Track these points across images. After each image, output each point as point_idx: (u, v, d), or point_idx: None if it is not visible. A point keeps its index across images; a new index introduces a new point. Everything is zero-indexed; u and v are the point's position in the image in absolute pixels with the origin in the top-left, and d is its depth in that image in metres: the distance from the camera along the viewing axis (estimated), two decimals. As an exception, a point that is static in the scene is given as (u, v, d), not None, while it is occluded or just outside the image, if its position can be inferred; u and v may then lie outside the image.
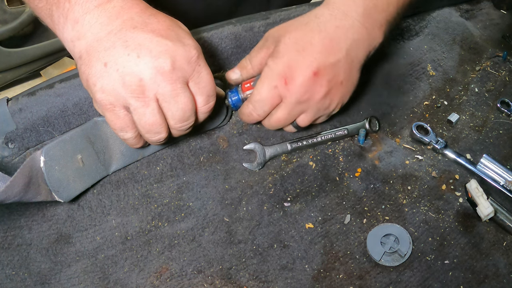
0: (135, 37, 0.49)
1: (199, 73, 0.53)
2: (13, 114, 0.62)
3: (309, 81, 0.60)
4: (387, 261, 0.61)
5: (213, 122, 0.70)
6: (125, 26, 0.50)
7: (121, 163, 0.66)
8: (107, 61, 0.48)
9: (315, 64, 0.59)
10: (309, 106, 0.63)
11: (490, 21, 1.04)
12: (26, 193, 0.54)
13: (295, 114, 0.64)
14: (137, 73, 0.48)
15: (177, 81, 0.50)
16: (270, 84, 0.61)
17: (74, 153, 0.60)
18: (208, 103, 0.56)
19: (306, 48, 0.60)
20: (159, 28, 0.50)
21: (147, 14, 0.52)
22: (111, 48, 0.49)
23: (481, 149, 0.76)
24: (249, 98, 0.65)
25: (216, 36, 0.72)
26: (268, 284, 0.59)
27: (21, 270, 0.60)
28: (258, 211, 0.66)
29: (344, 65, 0.61)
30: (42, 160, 0.56)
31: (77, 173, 0.61)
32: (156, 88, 0.49)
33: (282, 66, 0.60)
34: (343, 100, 0.66)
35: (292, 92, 0.61)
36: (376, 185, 0.69)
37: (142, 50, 0.48)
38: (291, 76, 0.60)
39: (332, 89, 0.62)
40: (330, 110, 0.66)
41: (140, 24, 0.50)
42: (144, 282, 0.59)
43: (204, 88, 0.54)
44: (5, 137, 0.62)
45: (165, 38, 0.50)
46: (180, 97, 0.51)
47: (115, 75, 0.48)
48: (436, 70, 0.88)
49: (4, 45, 1.73)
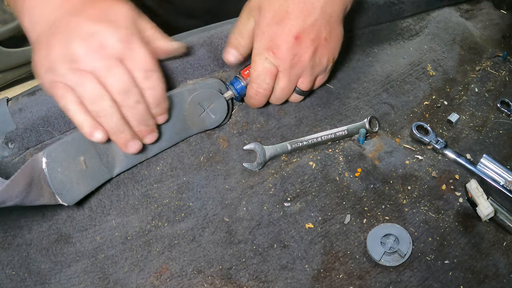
0: (74, 22, 0.55)
1: (131, 50, 0.55)
2: (13, 114, 0.62)
3: (294, 46, 0.64)
4: (387, 261, 0.61)
5: (211, 123, 0.70)
6: (67, 14, 0.56)
7: (125, 166, 0.66)
8: (48, 46, 0.54)
9: (294, 30, 0.64)
10: (303, 68, 0.67)
11: (490, 21, 1.04)
12: (28, 195, 0.54)
13: (294, 79, 0.68)
14: (72, 51, 0.53)
15: (109, 57, 0.54)
16: (261, 59, 0.66)
17: (76, 155, 0.59)
18: (148, 78, 0.57)
19: (283, 18, 0.64)
20: (94, 13, 0.55)
21: (88, 1, 0.57)
22: (54, 34, 0.55)
23: (481, 149, 0.76)
24: (250, 80, 0.68)
25: (216, 36, 0.72)
26: (268, 284, 0.59)
27: (21, 270, 0.60)
28: (258, 211, 0.66)
29: (323, 23, 0.65)
30: (44, 162, 0.55)
31: (80, 176, 0.60)
32: (90, 63, 0.53)
33: (265, 41, 0.65)
34: (333, 55, 0.70)
35: (282, 59, 0.65)
36: (376, 185, 0.69)
37: (77, 34, 0.54)
38: (276, 47, 0.64)
39: (318, 47, 0.66)
40: (324, 66, 0.69)
41: (80, 11, 0.56)
42: (144, 282, 0.59)
43: (139, 63, 0.56)
44: (5, 137, 0.62)
45: (99, 21, 0.54)
46: (114, 69, 0.54)
47: (53, 56, 0.53)
48: (436, 70, 0.88)
49: (4, 45, 1.73)
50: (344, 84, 0.82)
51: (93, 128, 0.56)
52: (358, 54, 0.88)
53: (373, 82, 0.84)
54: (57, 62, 0.53)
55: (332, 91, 0.81)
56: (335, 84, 0.82)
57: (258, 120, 0.75)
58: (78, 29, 0.54)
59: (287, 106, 0.77)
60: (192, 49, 0.71)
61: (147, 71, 0.57)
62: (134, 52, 0.55)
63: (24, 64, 1.84)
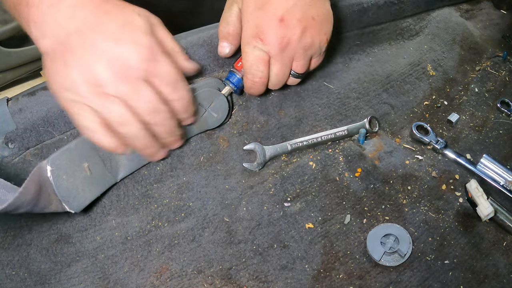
0: (91, 40, 0.52)
1: (156, 67, 0.54)
2: (13, 114, 0.62)
3: (280, 28, 0.62)
4: (387, 261, 0.61)
5: (214, 122, 0.70)
6: (81, 27, 0.53)
7: (128, 169, 0.65)
8: (66, 64, 0.52)
9: (278, 13, 0.62)
10: (294, 50, 0.65)
11: (490, 21, 1.04)
12: (38, 202, 0.54)
13: (287, 63, 0.67)
14: (96, 77, 0.51)
15: (135, 79, 0.53)
16: (250, 48, 0.64)
17: (80, 162, 0.59)
18: (177, 91, 0.57)
19: (265, 3, 0.63)
20: (112, 29, 0.53)
21: (101, 11, 0.54)
22: (69, 50, 0.52)
23: (481, 149, 0.76)
24: (244, 72, 0.67)
25: (216, 36, 0.72)
26: (268, 284, 0.59)
27: (21, 270, 0.60)
28: (258, 211, 0.66)
29: (307, 2, 0.64)
30: (49, 170, 0.56)
31: (85, 182, 0.60)
32: (115, 88, 0.52)
33: (251, 29, 0.63)
34: (325, 34, 0.67)
35: (270, 44, 0.63)
36: (376, 185, 0.69)
37: (98, 52, 0.52)
38: (262, 32, 0.63)
39: (307, 27, 0.64)
40: (316, 46, 0.67)
41: (94, 24, 0.53)
42: (144, 282, 0.59)
43: (165, 78, 0.55)
44: (5, 137, 0.62)
45: (118, 38, 0.52)
46: (141, 91, 0.53)
47: (74, 76, 0.51)
48: (436, 70, 0.88)
49: (4, 45, 1.73)
50: (344, 84, 0.82)
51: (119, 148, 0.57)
52: (358, 54, 0.88)
53: (373, 82, 0.84)
54: (79, 83, 0.51)
55: (332, 91, 0.81)
56: (335, 84, 0.82)
57: (258, 120, 0.75)
58: (98, 49, 0.52)
59: (287, 106, 0.77)
60: (192, 49, 0.71)
61: (174, 83, 0.56)
62: (159, 67, 0.54)
63: (24, 64, 1.84)
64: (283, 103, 0.77)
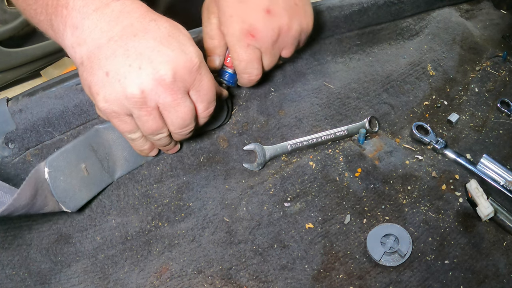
0: (136, 46, 0.49)
1: (200, 82, 0.53)
2: (13, 114, 0.62)
3: (268, 20, 0.61)
4: (387, 261, 0.61)
5: (213, 122, 0.70)
6: (126, 33, 0.49)
7: (125, 169, 0.66)
8: (108, 70, 0.49)
9: (263, 3, 0.60)
10: (284, 39, 0.64)
11: (490, 21, 1.04)
12: (34, 205, 0.54)
13: (278, 53, 0.66)
14: (139, 85, 0.49)
15: (178, 91, 0.51)
16: (242, 46, 0.62)
17: (78, 163, 0.60)
18: (208, 109, 0.57)
19: None
20: (160, 35, 0.50)
21: (148, 19, 0.51)
22: (112, 57, 0.48)
23: (481, 149, 0.76)
24: (237, 71, 0.66)
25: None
26: (268, 284, 0.59)
27: (21, 270, 0.60)
28: (258, 211, 0.66)
29: None
30: (46, 172, 0.56)
31: (82, 182, 0.60)
32: (157, 98, 0.51)
33: (238, 25, 0.61)
34: (310, 16, 0.67)
35: (263, 39, 0.62)
36: (376, 185, 0.69)
37: (143, 61, 0.48)
38: (252, 27, 0.61)
39: (293, 14, 0.63)
40: (304, 30, 0.66)
41: (140, 31, 0.49)
42: (144, 282, 0.59)
43: (205, 95, 0.55)
44: (5, 137, 0.62)
45: (166, 47, 0.49)
46: (180, 106, 0.53)
47: (117, 85, 0.49)
48: (436, 70, 0.88)
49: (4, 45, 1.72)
50: (344, 84, 0.82)
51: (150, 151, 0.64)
52: (358, 54, 0.88)
53: (373, 82, 0.84)
54: (121, 93, 0.49)
55: (332, 91, 0.81)
56: (335, 84, 0.82)
57: (258, 120, 0.75)
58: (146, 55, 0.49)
59: (287, 106, 0.77)
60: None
61: (209, 103, 0.56)
62: (202, 83, 0.53)
63: (24, 64, 1.84)
64: (283, 103, 0.77)
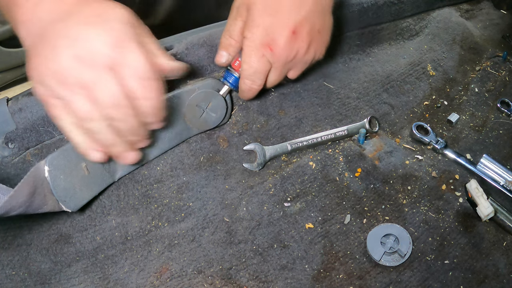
0: (62, 28, 0.50)
1: (125, 56, 0.49)
2: (13, 114, 0.62)
3: (291, 41, 0.62)
4: (387, 261, 0.61)
5: (213, 122, 0.70)
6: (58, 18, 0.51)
7: (126, 169, 0.66)
8: (37, 55, 0.50)
9: (291, 23, 0.61)
10: (296, 62, 0.66)
11: (490, 21, 1.04)
12: (32, 204, 0.53)
13: (285, 72, 0.68)
14: (59, 64, 0.49)
15: (99, 66, 0.49)
16: (257, 54, 0.63)
17: (78, 162, 0.59)
18: (143, 87, 0.51)
19: (277, 10, 0.61)
20: (85, 14, 0.50)
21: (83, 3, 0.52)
22: (43, 42, 0.50)
23: (481, 149, 0.76)
24: (242, 75, 0.66)
25: (216, 36, 0.72)
26: (268, 284, 0.59)
27: (21, 270, 0.60)
28: (258, 211, 0.66)
29: (316, 14, 0.64)
30: (46, 170, 0.55)
31: (83, 182, 0.60)
32: (78, 76, 0.49)
33: (261, 34, 0.62)
34: (325, 46, 0.68)
35: (279, 56, 0.63)
36: (376, 185, 0.69)
37: (63, 41, 0.49)
38: (274, 42, 0.62)
39: (313, 40, 0.64)
40: (316, 57, 0.68)
41: (72, 14, 0.51)
42: (144, 282, 0.59)
43: (133, 70, 0.50)
44: (5, 137, 0.62)
45: (88, 25, 0.49)
46: (103, 82, 0.49)
47: (43, 67, 0.50)
48: (436, 70, 0.88)
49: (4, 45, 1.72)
50: (344, 84, 0.82)
51: (90, 149, 0.54)
52: (358, 54, 0.88)
53: (373, 82, 0.84)
54: (46, 75, 0.49)
55: (332, 91, 0.81)
56: (335, 84, 0.82)
57: (258, 120, 0.75)
58: (65, 35, 0.49)
59: (287, 106, 0.77)
60: (192, 49, 0.71)
61: (143, 79, 0.51)
62: (128, 57, 0.50)
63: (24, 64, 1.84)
64: (283, 103, 0.77)
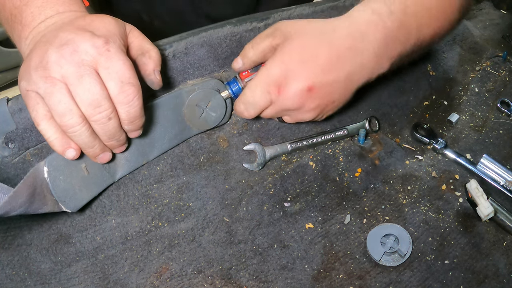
0: (54, 35, 0.52)
1: (108, 58, 0.51)
2: (13, 114, 0.62)
3: (302, 95, 0.60)
4: (387, 261, 0.61)
5: (213, 121, 0.70)
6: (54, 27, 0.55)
7: (126, 169, 0.65)
8: (28, 58, 0.52)
9: (312, 79, 0.59)
10: (297, 114, 0.64)
11: (490, 21, 1.04)
12: (31, 204, 0.53)
13: (281, 115, 0.67)
14: (45, 58, 0.51)
15: (82, 64, 0.50)
16: (264, 88, 0.61)
17: (78, 162, 0.59)
18: (124, 91, 0.52)
19: (309, 60, 0.59)
20: (77, 24, 0.53)
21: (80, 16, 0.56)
22: (34, 49, 0.53)
23: (481, 149, 0.76)
24: (241, 98, 0.65)
25: (216, 36, 0.72)
26: (268, 284, 0.59)
27: (21, 270, 0.60)
28: (258, 211, 0.66)
29: (341, 86, 0.62)
30: (45, 171, 0.55)
31: (82, 182, 0.60)
32: (60, 70, 0.50)
33: (279, 72, 0.60)
34: (330, 114, 0.67)
35: (283, 101, 0.61)
36: (376, 185, 0.69)
37: (53, 41, 0.51)
38: (286, 86, 0.60)
39: (323, 105, 0.63)
40: (316, 119, 0.67)
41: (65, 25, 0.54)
42: (144, 282, 0.59)
43: (114, 73, 0.51)
44: (5, 137, 0.62)
45: (76, 30, 0.52)
46: (85, 78, 0.50)
47: (30, 63, 0.51)
48: (436, 70, 0.88)
49: (4, 45, 1.73)
50: (344, 84, 0.82)
51: (65, 147, 0.53)
52: (358, 54, 0.88)
53: (373, 82, 0.84)
54: (32, 69, 0.51)
55: (332, 91, 0.81)
56: (335, 84, 0.82)
57: (258, 120, 0.75)
58: (55, 37, 0.51)
59: (287, 106, 0.77)
60: (192, 49, 0.71)
61: (123, 83, 0.51)
62: (110, 60, 0.51)
63: (24, 64, 1.84)
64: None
